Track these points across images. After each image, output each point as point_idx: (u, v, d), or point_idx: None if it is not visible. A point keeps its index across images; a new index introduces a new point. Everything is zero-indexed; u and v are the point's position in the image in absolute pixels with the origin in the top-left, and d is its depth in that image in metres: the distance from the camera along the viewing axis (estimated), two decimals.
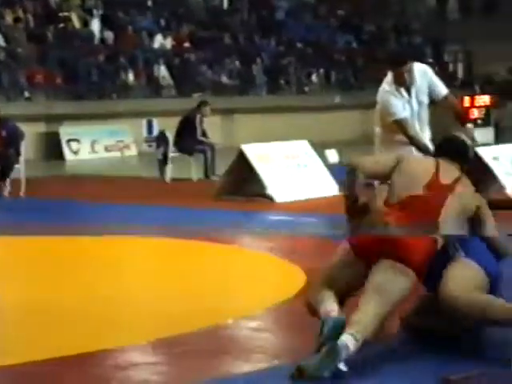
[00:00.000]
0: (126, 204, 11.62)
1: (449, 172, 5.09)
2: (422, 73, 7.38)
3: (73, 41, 22.27)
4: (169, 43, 24.49)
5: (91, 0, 24.19)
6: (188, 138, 15.21)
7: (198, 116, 15.39)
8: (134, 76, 22.71)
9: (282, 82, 25.61)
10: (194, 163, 15.20)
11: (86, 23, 23.36)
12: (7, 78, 20.38)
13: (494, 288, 4.93)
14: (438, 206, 4.94)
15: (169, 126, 15.95)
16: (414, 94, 7.38)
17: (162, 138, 15.42)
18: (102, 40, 23.36)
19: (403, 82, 7.31)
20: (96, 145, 21.25)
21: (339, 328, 4.47)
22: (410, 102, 7.35)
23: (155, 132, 19.49)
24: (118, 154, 21.37)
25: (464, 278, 4.80)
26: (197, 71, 23.83)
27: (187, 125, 15.35)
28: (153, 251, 8.46)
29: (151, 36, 24.29)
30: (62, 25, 22.76)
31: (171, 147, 15.21)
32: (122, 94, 22.37)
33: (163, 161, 15.20)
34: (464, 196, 5.05)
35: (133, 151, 21.65)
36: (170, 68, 23.42)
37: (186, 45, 24.64)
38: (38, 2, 23.24)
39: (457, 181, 5.06)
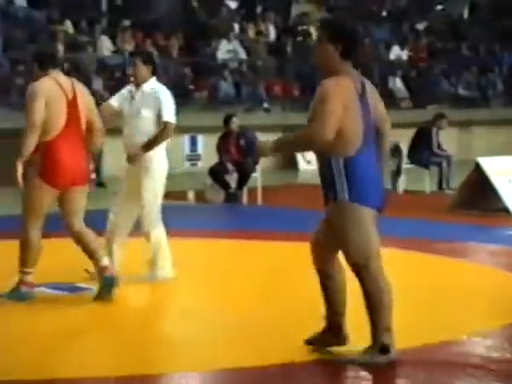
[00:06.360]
0: None
1: None
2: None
3: (310, 54, 22.64)
4: (405, 55, 24.32)
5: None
6: (423, 150, 15.14)
7: (435, 128, 15.27)
8: None
9: None
10: (428, 175, 15.04)
11: None
12: (247, 90, 21.05)
13: None
14: None
15: (402, 138, 15.84)
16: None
17: (395, 150, 15.36)
18: None
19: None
20: None
21: None
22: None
23: None
24: None
25: None
26: (433, 83, 23.51)
27: (423, 137, 15.27)
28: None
29: (388, 47, 24.23)
30: (300, 38, 23.23)
31: (405, 159, 15.21)
32: None
33: (396, 172, 15.19)
34: None
35: None
36: (405, 80, 23.26)
37: (423, 55, 24.39)
38: (279, 17, 23.85)
39: None
